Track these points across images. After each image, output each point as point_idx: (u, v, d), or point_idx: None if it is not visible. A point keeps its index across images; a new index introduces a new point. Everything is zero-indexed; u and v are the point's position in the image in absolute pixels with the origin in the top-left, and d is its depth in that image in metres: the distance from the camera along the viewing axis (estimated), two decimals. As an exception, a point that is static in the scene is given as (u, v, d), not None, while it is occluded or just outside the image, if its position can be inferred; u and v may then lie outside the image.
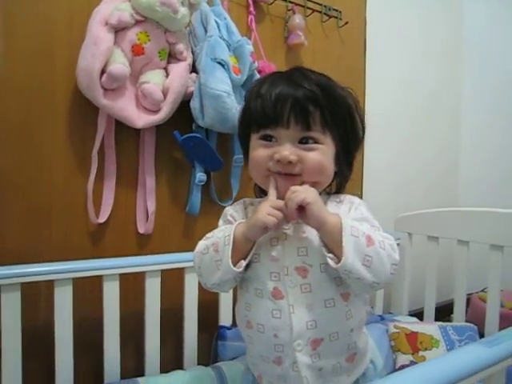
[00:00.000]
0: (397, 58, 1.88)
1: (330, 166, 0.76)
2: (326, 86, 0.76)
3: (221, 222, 0.85)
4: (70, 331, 1.03)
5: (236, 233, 0.72)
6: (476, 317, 1.50)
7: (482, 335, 1.33)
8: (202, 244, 0.79)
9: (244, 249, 0.73)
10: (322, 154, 0.74)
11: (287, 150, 0.72)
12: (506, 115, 2.06)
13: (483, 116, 2.15)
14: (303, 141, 0.74)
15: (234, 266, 0.71)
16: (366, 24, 1.73)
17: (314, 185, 0.75)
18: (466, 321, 1.42)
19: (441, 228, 1.49)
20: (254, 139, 0.77)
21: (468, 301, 1.79)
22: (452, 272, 1.99)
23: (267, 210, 0.71)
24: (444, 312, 1.77)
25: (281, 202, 0.72)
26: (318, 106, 0.73)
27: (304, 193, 0.70)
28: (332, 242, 0.69)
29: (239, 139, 0.87)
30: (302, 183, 0.74)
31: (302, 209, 0.69)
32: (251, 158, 0.78)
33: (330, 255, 0.69)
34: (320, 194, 0.75)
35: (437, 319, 1.49)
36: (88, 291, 1.11)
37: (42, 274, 1.00)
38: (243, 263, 0.72)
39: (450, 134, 2.18)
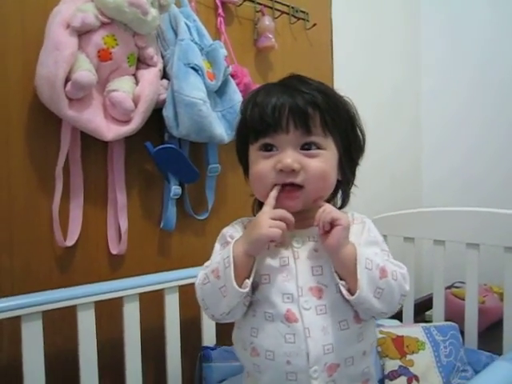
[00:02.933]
0: (361, 58, 1.89)
1: (332, 175, 0.73)
2: (325, 90, 0.74)
3: (217, 245, 0.79)
4: (41, 370, 0.92)
5: (235, 252, 0.68)
6: (452, 313, 1.52)
7: (461, 332, 1.35)
8: (201, 274, 0.73)
9: (246, 267, 0.69)
10: (325, 162, 0.71)
11: (289, 157, 0.69)
12: (467, 114, 2.11)
13: (444, 115, 2.19)
14: (305, 147, 0.71)
15: (240, 287, 0.66)
16: (331, 25, 1.71)
17: (316, 200, 0.72)
18: (444, 318, 1.44)
19: (416, 229, 1.49)
20: (254, 151, 0.74)
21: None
22: (422, 269, 2.04)
23: (269, 222, 0.67)
24: (419, 309, 1.79)
25: (281, 211, 0.69)
26: (317, 109, 0.70)
27: (339, 214, 0.68)
28: (345, 271, 0.68)
29: (238, 154, 0.82)
30: (304, 197, 0.71)
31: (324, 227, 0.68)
32: (253, 173, 0.74)
33: (343, 282, 0.68)
34: None
35: (414, 317, 1.50)
36: (60, 322, 1.00)
37: (6, 311, 0.88)
38: (248, 282, 0.68)
39: (411, 133, 2.22)
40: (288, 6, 1.50)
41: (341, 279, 0.68)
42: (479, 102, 2.08)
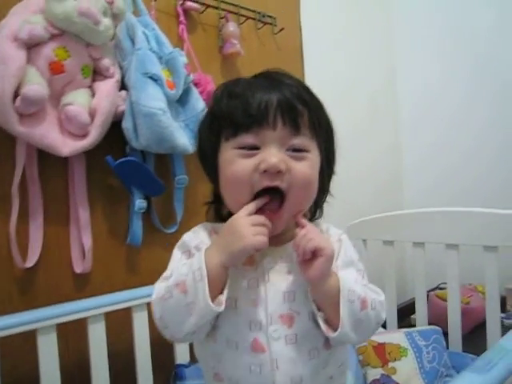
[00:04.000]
0: (334, 61, 1.86)
1: (315, 183, 0.66)
2: (307, 87, 0.67)
3: (177, 253, 0.68)
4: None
5: (209, 263, 0.58)
6: (436, 316, 1.49)
7: (445, 334, 1.31)
8: (160, 288, 0.62)
9: (220, 280, 0.60)
10: (310, 167, 0.64)
11: (275, 157, 0.60)
12: (443, 114, 2.10)
13: (421, 116, 2.18)
14: (292, 148, 0.63)
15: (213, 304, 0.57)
16: (301, 29, 1.69)
17: (296, 214, 0.65)
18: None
19: (395, 232, 1.47)
20: (229, 149, 0.64)
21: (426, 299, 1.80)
22: (404, 273, 2.01)
23: (251, 229, 0.59)
24: (404, 314, 1.76)
25: (262, 218, 0.61)
26: (306, 106, 0.63)
27: (323, 241, 0.61)
28: (325, 303, 0.61)
29: (201, 153, 0.71)
30: (285, 208, 0.63)
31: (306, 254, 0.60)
32: (228, 175, 0.64)
33: (321, 314, 0.62)
34: None
35: (398, 321, 1.47)
36: (18, 347, 0.96)
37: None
38: (222, 299, 0.59)
39: (391, 136, 2.19)
40: (254, 11, 1.48)
41: (318, 309, 0.62)
42: (469, 108, 2.05)
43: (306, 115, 0.63)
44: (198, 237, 0.69)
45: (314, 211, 0.74)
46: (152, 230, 1.22)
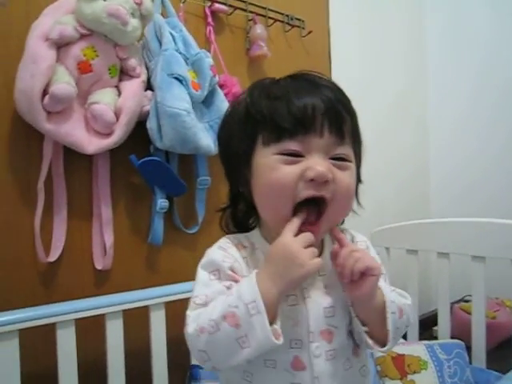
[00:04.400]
0: (361, 65, 1.85)
1: (354, 195, 0.64)
2: (343, 90, 0.64)
3: (205, 274, 0.62)
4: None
5: (264, 294, 0.54)
6: (460, 328, 1.45)
7: (468, 348, 1.27)
8: (202, 319, 0.56)
9: (275, 311, 0.56)
10: (352, 177, 0.61)
11: (322, 165, 0.57)
12: (476, 118, 2.04)
13: (451, 120, 2.13)
14: (336, 157, 0.59)
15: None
16: (329, 33, 1.68)
17: (333, 227, 0.63)
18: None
19: (419, 240, 1.44)
20: (269, 155, 0.59)
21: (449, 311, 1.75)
22: (428, 283, 1.96)
23: (307, 253, 0.56)
24: (426, 325, 1.71)
25: (311, 236, 0.58)
26: (349, 113, 0.61)
27: (372, 260, 0.59)
28: (372, 319, 0.60)
29: (228, 156, 0.68)
30: (324, 220, 0.60)
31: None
32: (269, 182, 0.59)
33: (366, 329, 0.61)
34: None
35: (420, 332, 1.44)
36: (39, 340, 0.97)
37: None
38: (279, 330, 0.55)
39: (417, 139, 2.16)
40: (282, 14, 1.47)
41: (363, 324, 0.61)
42: (486, 103, 2.01)
43: (349, 123, 0.61)
44: (228, 255, 0.63)
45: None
46: (173, 229, 1.23)
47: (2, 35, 0.99)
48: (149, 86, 1.11)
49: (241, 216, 0.71)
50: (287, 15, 1.49)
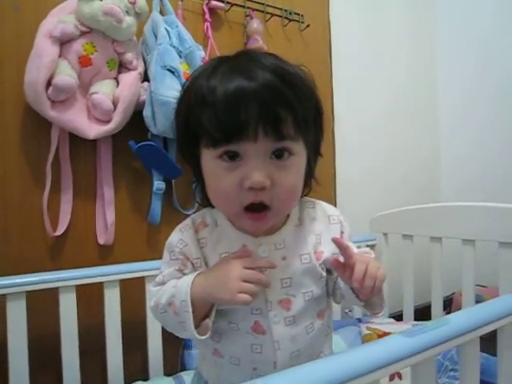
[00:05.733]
0: (364, 57, 1.87)
1: (301, 186, 0.64)
2: (286, 73, 0.59)
3: (166, 254, 0.69)
4: (24, 346, 1.02)
5: (194, 295, 0.61)
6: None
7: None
8: (156, 300, 0.66)
9: (206, 308, 0.63)
10: (296, 173, 0.62)
11: (259, 172, 0.57)
12: (484, 106, 2.02)
13: (460, 108, 2.11)
14: (276, 153, 0.59)
15: (197, 328, 0.61)
16: (330, 26, 1.72)
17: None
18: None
19: (415, 226, 1.45)
20: (211, 158, 0.60)
21: (451, 300, 1.75)
22: (427, 272, 1.94)
23: (238, 285, 0.58)
24: (426, 313, 1.72)
25: (258, 275, 0.60)
26: (290, 110, 0.58)
27: (382, 272, 0.62)
28: (372, 296, 0.64)
29: (182, 153, 0.70)
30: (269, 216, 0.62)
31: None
32: (215, 190, 0.62)
33: (362, 304, 0.66)
34: None
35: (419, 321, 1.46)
36: (44, 304, 1.09)
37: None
38: (209, 324, 0.62)
39: (427, 128, 2.14)
40: (280, 8, 1.54)
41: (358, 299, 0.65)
42: (495, 88, 1.98)
43: (289, 119, 0.58)
44: (181, 238, 0.68)
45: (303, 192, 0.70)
46: (171, 210, 1.33)
47: (15, 35, 1.13)
48: (146, 78, 1.22)
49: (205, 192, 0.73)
50: (285, 10, 1.56)
